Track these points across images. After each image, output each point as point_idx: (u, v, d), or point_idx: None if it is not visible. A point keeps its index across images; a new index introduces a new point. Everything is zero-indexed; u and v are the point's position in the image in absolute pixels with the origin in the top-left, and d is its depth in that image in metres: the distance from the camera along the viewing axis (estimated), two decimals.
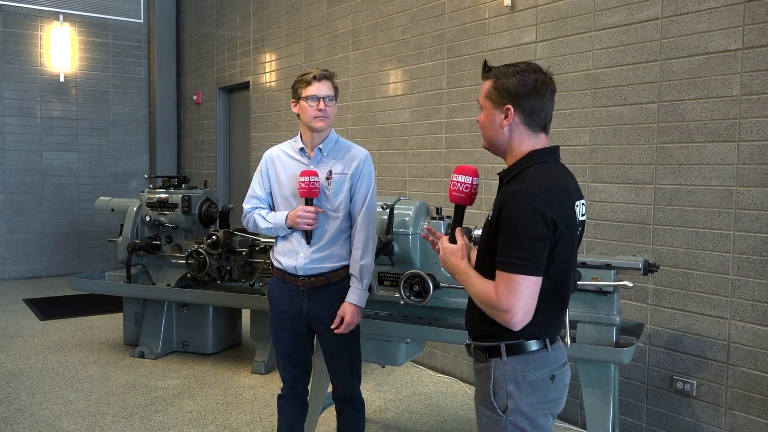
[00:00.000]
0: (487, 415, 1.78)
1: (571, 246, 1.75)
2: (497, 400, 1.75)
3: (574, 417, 3.68)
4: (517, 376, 1.75)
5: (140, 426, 3.65)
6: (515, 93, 1.75)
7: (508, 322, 1.65)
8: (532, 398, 1.75)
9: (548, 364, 1.78)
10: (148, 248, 4.80)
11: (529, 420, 1.75)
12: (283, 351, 2.75)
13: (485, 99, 1.81)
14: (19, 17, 7.85)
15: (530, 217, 1.63)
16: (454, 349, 4.51)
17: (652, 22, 3.31)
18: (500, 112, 1.78)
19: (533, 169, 1.73)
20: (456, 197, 1.86)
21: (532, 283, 1.63)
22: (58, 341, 5.29)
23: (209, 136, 8.05)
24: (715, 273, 3.10)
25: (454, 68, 4.49)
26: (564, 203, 1.71)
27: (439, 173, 4.61)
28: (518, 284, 1.62)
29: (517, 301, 1.62)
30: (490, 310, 1.69)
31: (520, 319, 1.64)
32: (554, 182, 1.72)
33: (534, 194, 1.64)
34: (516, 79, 1.75)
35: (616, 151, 3.50)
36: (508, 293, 1.63)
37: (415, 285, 2.98)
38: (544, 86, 1.76)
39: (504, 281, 1.64)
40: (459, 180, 1.85)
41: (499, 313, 1.65)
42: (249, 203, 2.79)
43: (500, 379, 1.75)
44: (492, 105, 1.79)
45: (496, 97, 1.78)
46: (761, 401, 2.96)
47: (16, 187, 7.92)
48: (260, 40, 6.91)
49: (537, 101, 1.76)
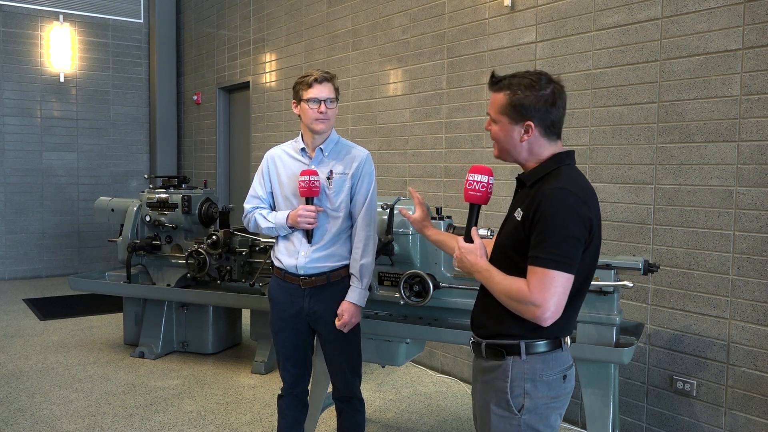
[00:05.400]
0: (499, 414, 1.76)
1: (599, 246, 1.78)
2: (514, 399, 1.75)
3: (574, 417, 3.68)
4: (535, 374, 1.75)
5: (140, 426, 3.65)
6: (535, 109, 1.74)
7: (539, 317, 1.64)
8: (546, 397, 1.75)
9: (562, 364, 1.79)
10: (148, 248, 4.80)
11: (542, 419, 1.75)
12: (283, 351, 2.75)
13: (501, 115, 1.78)
14: (19, 17, 7.85)
15: (569, 216, 1.64)
16: (454, 349, 4.51)
17: (652, 22, 3.31)
18: (520, 128, 1.76)
19: (565, 170, 1.75)
20: (472, 197, 1.85)
21: (566, 280, 1.64)
22: (58, 341, 5.29)
23: (209, 136, 8.05)
24: (715, 273, 3.10)
25: (454, 68, 4.49)
26: (596, 204, 1.74)
27: (439, 173, 4.61)
28: (553, 280, 1.62)
29: (550, 297, 1.62)
30: (518, 305, 1.68)
31: (552, 314, 1.64)
32: (586, 183, 1.76)
33: (572, 193, 1.66)
34: (533, 94, 1.73)
35: (616, 151, 3.50)
36: (542, 288, 1.62)
37: (415, 285, 2.99)
38: (560, 97, 1.77)
39: (538, 276, 1.64)
40: (475, 179, 1.84)
41: (530, 307, 1.64)
42: (250, 203, 2.80)
43: (518, 378, 1.75)
44: (509, 121, 1.77)
45: (514, 113, 1.76)
46: (761, 401, 2.96)
47: (16, 187, 7.92)
48: (260, 40, 6.91)
49: (555, 113, 1.76)
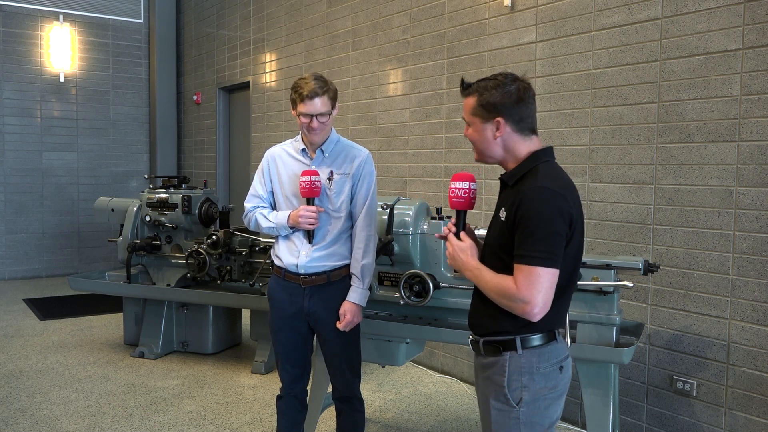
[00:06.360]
0: (498, 408, 1.82)
1: (581, 240, 1.83)
2: (511, 392, 1.80)
3: (574, 417, 3.68)
4: (531, 367, 1.81)
5: (140, 426, 3.65)
6: (502, 105, 1.83)
7: (528, 313, 1.71)
8: (543, 389, 1.81)
9: (558, 355, 1.86)
10: (148, 248, 4.80)
11: (540, 410, 1.81)
12: (282, 351, 2.74)
13: (472, 116, 1.88)
14: (19, 17, 7.85)
15: (549, 212, 1.70)
16: (454, 349, 4.51)
17: (652, 22, 3.31)
18: (491, 125, 1.85)
19: (543, 168, 1.81)
20: (456, 203, 1.95)
21: (551, 275, 1.70)
22: (58, 341, 5.29)
23: (209, 136, 8.05)
24: (715, 273, 3.10)
25: (454, 68, 4.49)
26: (576, 199, 1.80)
27: (439, 173, 4.61)
28: (539, 276, 1.68)
29: (537, 293, 1.68)
30: (508, 302, 1.73)
31: (540, 309, 1.70)
32: (565, 179, 1.81)
33: (551, 190, 1.72)
34: (499, 92, 1.82)
35: (616, 151, 3.50)
36: (529, 285, 1.68)
37: (415, 285, 2.99)
38: (526, 93, 1.85)
39: (524, 273, 1.69)
40: (457, 187, 1.94)
41: (519, 304, 1.70)
42: (250, 202, 2.79)
43: (515, 372, 1.81)
44: (481, 120, 1.86)
45: (484, 112, 1.85)
46: (761, 401, 2.96)
47: (16, 187, 7.92)
48: (260, 40, 6.91)
49: (523, 108, 1.84)
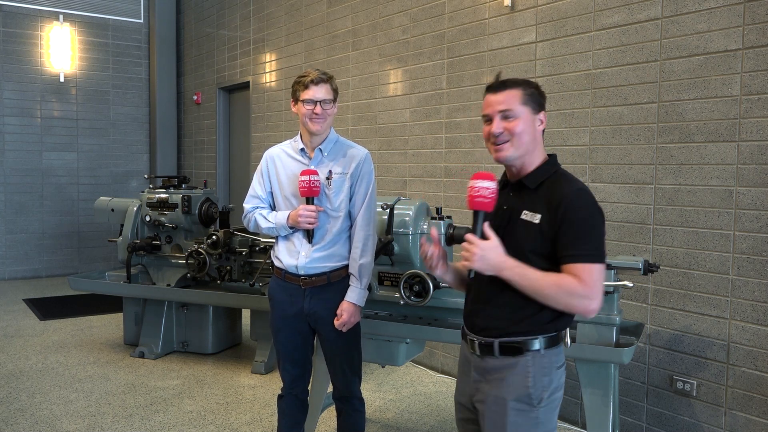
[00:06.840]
0: (518, 409, 1.82)
1: None
2: (535, 392, 1.82)
3: (574, 417, 3.68)
4: (552, 367, 1.85)
5: (140, 426, 3.65)
6: (544, 103, 1.88)
7: (589, 309, 1.74)
8: (557, 388, 1.86)
9: (562, 357, 1.91)
10: (148, 248, 4.80)
11: (552, 410, 1.86)
12: (283, 351, 2.75)
13: (523, 105, 1.82)
14: (19, 17, 7.85)
15: (597, 213, 1.78)
16: (454, 349, 4.50)
17: (652, 22, 3.31)
18: (538, 118, 1.87)
19: (564, 172, 1.88)
20: (479, 204, 1.80)
21: (604, 272, 1.77)
22: (57, 341, 5.29)
23: (209, 136, 8.05)
24: (715, 273, 3.10)
25: (454, 68, 4.49)
26: None
27: (439, 173, 4.61)
28: (599, 273, 1.74)
29: (599, 290, 1.74)
30: (568, 299, 1.73)
31: (599, 305, 1.75)
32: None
33: (591, 193, 1.80)
34: (537, 90, 1.87)
35: (616, 151, 3.50)
36: (592, 282, 1.72)
37: (415, 285, 2.99)
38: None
39: (586, 272, 1.73)
40: (482, 186, 1.79)
41: (583, 301, 1.73)
42: (250, 203, 2.79)
43: (539, 372, 1.83)
44: (532, 111, 1.85)
45: (534, 103, 1.85)
46: (761, 401, 2.96)
47: (16, 187, 7.92)
48: (260, 40, 6.91)
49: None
